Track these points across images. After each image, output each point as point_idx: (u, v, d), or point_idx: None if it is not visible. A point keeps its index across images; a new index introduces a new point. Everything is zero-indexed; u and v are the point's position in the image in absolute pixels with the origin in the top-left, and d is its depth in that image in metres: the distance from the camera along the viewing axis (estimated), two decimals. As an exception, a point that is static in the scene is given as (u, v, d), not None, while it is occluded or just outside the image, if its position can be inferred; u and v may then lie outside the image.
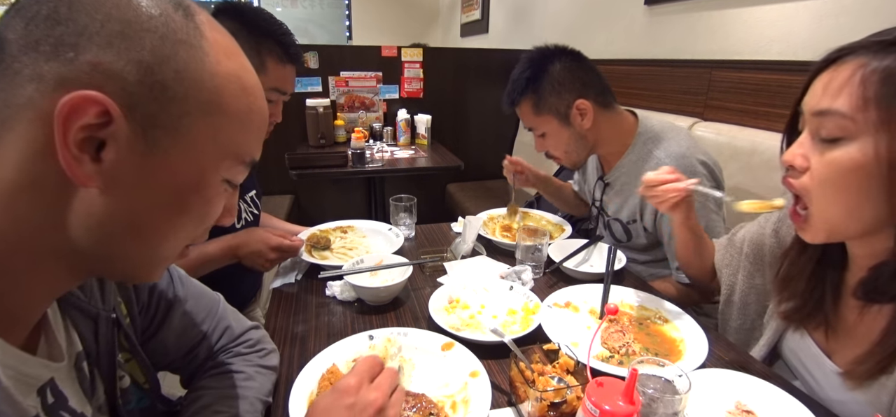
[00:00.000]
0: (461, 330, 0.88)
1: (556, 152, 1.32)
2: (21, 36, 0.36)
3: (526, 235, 1.14)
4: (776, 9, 1.58)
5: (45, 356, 0.46)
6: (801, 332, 0.82)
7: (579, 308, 0.99)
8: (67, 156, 0.36)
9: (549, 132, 1.28)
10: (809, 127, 0.67)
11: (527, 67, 1.25)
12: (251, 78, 0.45)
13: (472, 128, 3.27)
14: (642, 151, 1.25)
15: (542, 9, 3.16)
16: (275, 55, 1.06)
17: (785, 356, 0.87)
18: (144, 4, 0.38)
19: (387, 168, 2.48)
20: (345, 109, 2.99)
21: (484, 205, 1.63)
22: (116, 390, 0.55)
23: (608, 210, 1.39)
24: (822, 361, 0.77)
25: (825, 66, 0.66)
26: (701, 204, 1.16)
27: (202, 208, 0.45)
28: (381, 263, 1.07)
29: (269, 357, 0.75)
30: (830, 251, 0.76)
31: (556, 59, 1.24)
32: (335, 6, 5.21)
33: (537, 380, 0.70)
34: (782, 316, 0.82)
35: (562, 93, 1.23)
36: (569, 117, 1.24)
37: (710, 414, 0.70)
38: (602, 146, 1.32)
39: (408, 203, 1.35)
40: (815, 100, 0.65)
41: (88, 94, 0.35)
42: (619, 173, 1.32)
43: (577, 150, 1.30)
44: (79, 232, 0.39)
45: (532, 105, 1.26)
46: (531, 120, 1.29)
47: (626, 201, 1.31)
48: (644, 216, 1.26)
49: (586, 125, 1.24)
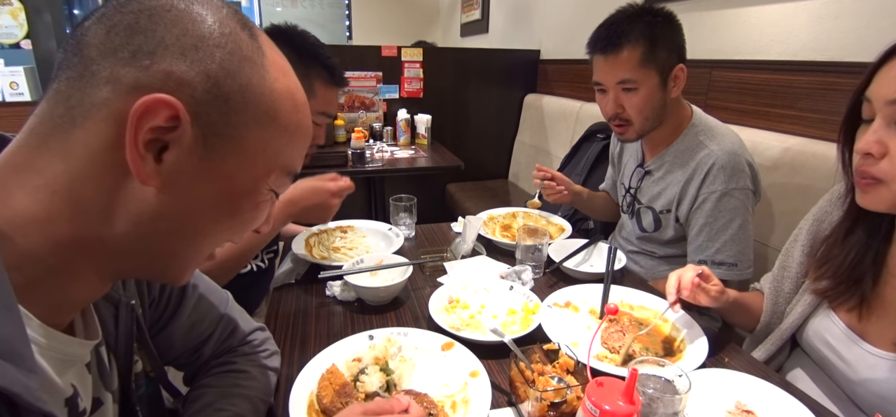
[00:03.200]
0: (461, 330, 0.88)
1: (637, 114, 1.20)
2: (101, 42, 0.39)
3: (526, 235, 1.14)
4: (776, 9, 1.58)
5: (82, 335, 0.49)
6: (829, 315, 0.83)
7: (579, 308, 0.99)
8: (134, 155, 0.38)
9: (647, 89, 1.17)
10: (883, 114, 0.68)
11: (642, 11, 1.17)
12: (302, 96, 0.49)
13: (472, 128, 3.27)
14: (693, 141, 1.23)
15: (542, 9, 3.16)
16: (322, 79, 1.10)
17: (807, 340, 0.88)
18: (217, 22, 0.42)
19: (387, 168, 2.48)
20: (345, 109, 2.98)
21: (484, 205, 1.63)
22: (131, 376, 0.57)
23: (643, 198, 1.36)
24: (856, 342, 0.79)
25: (891, 55, 0.68)
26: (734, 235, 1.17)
27: (251, 213, 0.48)
28: (381, 263, 1.07)
29: (273, 358, 0.76)
30: (878, 227, 0.79)
31: (673, 18, 1.18)
32: (335, 6, 5.21)
33: (537, 380, 0.70)
34: (818, 292, 0.84)
35: (672, 52, 1.16)
36: (667, 80, 1.18)
37: (710, 414, 0.71)
38: (661, 126, 1.26)
39: (408, 203, 1.35)
40: (891, 89, 0.67)
41: (163, 98, 0.38)
42: (663, 160, 1.29)
43: (654, 118, 1.22)
44: (126, 227, 0.41)
45: (642, 54, 1.14)
46: (631, 70, 1.16)
47: (667, 189, 1.28)
48: (681, 206, 1.25)
49: (674, 94, 1.20)
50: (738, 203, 1.16)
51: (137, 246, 0.43)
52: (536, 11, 3.25)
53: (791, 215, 1.36)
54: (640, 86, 1.17)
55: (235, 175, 0.44)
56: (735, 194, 1.15)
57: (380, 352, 0.80)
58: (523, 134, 3.21)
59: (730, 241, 1.17)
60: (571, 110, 2.58)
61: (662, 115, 1.23)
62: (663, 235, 1.32)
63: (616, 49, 1.16)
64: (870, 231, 0.80)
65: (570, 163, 2.15)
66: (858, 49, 1.34)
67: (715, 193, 1.16)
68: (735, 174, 1.15)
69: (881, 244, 0.79)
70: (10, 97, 2.83)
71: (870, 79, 0.71)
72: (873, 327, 0.78)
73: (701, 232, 1.20)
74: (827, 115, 1.41)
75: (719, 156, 1.16)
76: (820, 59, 1.44)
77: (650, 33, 1.14)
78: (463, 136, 3.25)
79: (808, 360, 0.90)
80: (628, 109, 1.21)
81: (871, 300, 0.79)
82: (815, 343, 0.86)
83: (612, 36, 1.16)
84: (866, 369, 0.77)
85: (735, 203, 1.16)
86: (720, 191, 1.16)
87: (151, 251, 0.44)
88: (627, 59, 1.15)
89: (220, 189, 0.44)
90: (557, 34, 3.02)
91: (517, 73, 3.23)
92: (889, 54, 0.68)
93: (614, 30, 1.16)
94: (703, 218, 1.19)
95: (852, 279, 0.80)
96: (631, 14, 1.17)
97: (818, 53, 1.45)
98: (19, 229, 0.39)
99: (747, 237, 1.18)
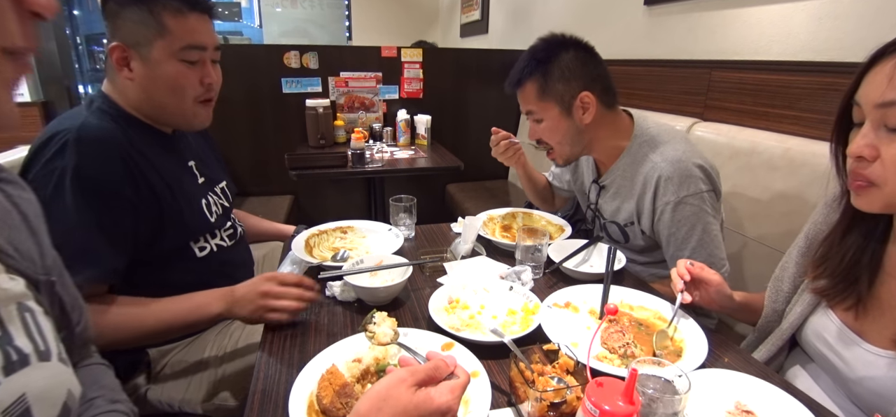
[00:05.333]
0: (461, 330, 0.88)
1: (550, 141, 1.30)
2: None
3: (526, 235, 1.14)
4: (776, 9, 1.58)
5: None
6: (827, 314, 0.84)
7: (579, 308, 0.99)
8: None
9: (549, 120, 1.26)
10: (872, 118, 0.69)
11: (539, 49, 1.24)
12: None
13: (472, 128, 3.27)
14: (638, 154, 1.25)
15: (542, 9, 3.16)
16: (170, 9, 0.96)
17: (806, 339, 0.88)
18: None
19: (387, 168, 2.48)
20: (345, 110, 2.99)
21: (484, 205, 1.63)
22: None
23: (605, 213, 1.39)
24: (853, 341, 0.79)
25: (877, 59, 0.68)
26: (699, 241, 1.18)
27: None
28: (381, 263, 1.07)
29: None
30: (875, 227, 0.79)
31: (569, 46, 1.23)
32: (335, 6, 5.21)
33: (537, 380, 0.70)
34: (816, 291, 0.85)
35: (570, 81, 1.21)
36: (571, 108, 1.23)
37: (710, 414, 0.71)
38: (597, 146, 1.31)
39: (408, 203, 1.35)
40: (879, 92, 0.67)
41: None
42: (614, 176, 1.32)
43: (571, 144, 1.29)
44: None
45: (537, 88, 1.24)
46: (532, 103, 1.26)
47: (623, 204, 1.31)
48: (642, 219, 1.27)
49: (586, 120, 1.24)
50: (695, 208, 1.17)
51: None
52: (536, 12, 3.26)
53: (791, 215, 1.36)
54: (543, 117, 1.27)
55: None
56: (688, 201, 1.16)
57: (380, 353, 0.80)
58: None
59: (697, 247, 1.18)
60: (571, 110, 2.59)
61: (584, 139, 1.28)
62: (635, 245, 1.34)
63: (518, 85, 1.28)
64: (866, 231, 0.80)
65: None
66: (858, 49, 1.34)
67: (669, 204, 1.18)
68: (684, 181, 1.16)
69: (878, 244, 0.80)
70: (9, 97, 2.83)
71: (858, 82, 0.71)
72: (871, 326, 0.79)
73: (669, 244, 1.22)
74: (827, 116, 1.41)
75: (664, 168, 1.17)
76: (820, 59, 1.44)
77: (543, 69, 1.22)
78: (463, 137, 3.25)
79: (807, 359, 0.90)
80: (545, 138, 1.31)
81: (868, 299, 0.79)
82: (813, 341, 0.86)
83: (518, 71, 1.27)
84: (863, 367, 0.77)
85: (691, 210, 1.17)
86: (673, 201, 1.17)
87: None
88: (528, 93, 1.27)
89: None
90: (557, 34, 3.02)
91: (517, 74, 3.23)
92: (876, 58, 0.69)
93: (520, 65, 1.27)
94: (665, 230, 1.21)
95: (849, 278, 0.81)
96: (533, 50, 1.25)
97: (818, 54, 1.45)
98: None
99: (713, 239, 1.19)
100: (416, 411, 0.53)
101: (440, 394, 0.55)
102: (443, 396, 0.55)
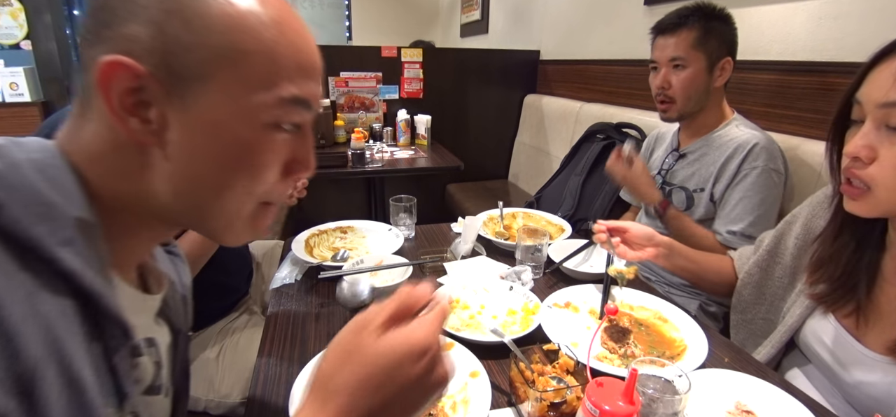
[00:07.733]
0: (461, 330, 0.88)
1: (681, 92, 1.33)
2: (83, 34, 0.43)
3: (526, 235, 1.14)
4: (776, 9, 1.58)
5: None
6: (827, 317, 0.83)
7: (579, 308, 0.99)
8: (117, 120, 0.41)
9: (693, 70, 1.30)
10: (873, 117, 0.68)
11: (707, 5, 1.31)
12: (272, 11, 0.44)
13: (472, 128, 3.27)
14: (733, 131, 1.33)
15: (542, 9, 3.16)
16: None
17: (804, 339, 0.88)
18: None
19: (387, 168, 2.48)
20: (345, 110, 2.98)
21: (484, 205, 1.63)
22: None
23: (674, 179, 1.43)
24: (851, 344, 0.79)
25: (882, 57, 0.67)
26: (763, 215, 1.23)
27: (260, 156, 0.45)
28: (381, 263, 1.07)
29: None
30: (869, 234, 0.78)
31: (729, 17, 1.33)
32: (335, 6, 5.21)
33: (537, 380, 0.70)
34: (814, 297, 0.85)
35: (722, 44, 1.30)
36: (714, 68, 1.30)
37: (710, 414, 0.71)
38: (703, 114, 1.37)
39: (408, 203, 1.35)
40: (883, 91, 0.66)
41: (112, 59, 0.39)
42: (701, 143, 1.38)
43: (696, 100, 1.33)
44: (162, 187, 0.44)
45: (696, 36, 1.29)
46: (684, 49, 1.30)
47: (700, 169, 1.36)
48: (718, 183, 1.31)
49: (719, 83, 1.32)
50: (774, 185, 1.24)
51: (177, 203, 0.45)
52: (536, 12, 3.26)
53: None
54: (688, 65, 1.30)
55: (220, 116, 0.42)
56: (773, 176, 1.24)
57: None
58: (523, 134, 3.21)
59: (760, 219, 1.23)
60: (571, 111, 2.59)
61: (705, 102, 1.34)
62: (693, 214, 1.37)
63: (674, 29, 1.31)
64: (859, 236, 0.79)
65: (570, 163, 2.15)
66: (858, 49, 1.34)
67: (756, 169, 1.24)
68: (773, 157, 1.25)
69: (874, 251, 0.79)
70: (10, 98, 2.83)
71: (861, 80, 0.70)
72: (869, 331, 0.78)
73: (737, 205, 1.26)
74: (827, 116, 1.38)
75: (761, 139, 1.26)
76: (820, 59, 1.44)
77: (705, 23, 1.29)
78: (463, 137, 3.25)
79: (804, 360, 0.90)
80: (674, 86, 1.33)
81: (867, 305, 0.79)
82: (811, 344, 0.86)
83: (673, 18, 1.32)
84: (861, 371, 0.77)
85: (772, 183, 1.24)
86: (762, 166, 1.24)
87: (188, 208, 0.46)
88: (684, 37, 1.30)
89: (213, 134, 0.43)
90: (557, 35, 3.02)
91: (517, 74, 3.23)
92: (880, 56, 0.68)
93: (677, 13, 1.32)
94: (741, 192, 1.26)
95: (848, 285, 0.80)
96: (693, 6, 1.32)
97: (818, 54, 1.45)
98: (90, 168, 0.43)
99: (771, 222, 1.22)
100: (385, 360, 0.41)
101: (413, 331, 0.43)
102: (416, 333, 0.42)
